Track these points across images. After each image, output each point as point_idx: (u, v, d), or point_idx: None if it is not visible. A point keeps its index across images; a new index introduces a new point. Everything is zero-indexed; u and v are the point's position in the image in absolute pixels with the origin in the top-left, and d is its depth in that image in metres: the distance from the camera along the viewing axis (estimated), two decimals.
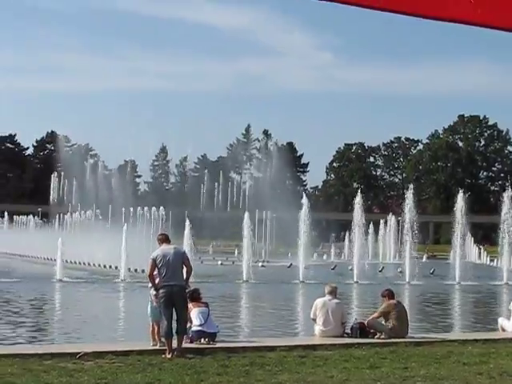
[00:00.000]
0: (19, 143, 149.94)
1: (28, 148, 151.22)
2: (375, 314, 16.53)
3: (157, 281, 13.85)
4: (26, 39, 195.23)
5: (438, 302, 32.40)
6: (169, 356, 13.28)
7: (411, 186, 54.21)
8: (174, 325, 13.77)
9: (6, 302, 26.45)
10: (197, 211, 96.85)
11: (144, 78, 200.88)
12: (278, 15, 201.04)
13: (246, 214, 46.56)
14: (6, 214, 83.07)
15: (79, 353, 12.77)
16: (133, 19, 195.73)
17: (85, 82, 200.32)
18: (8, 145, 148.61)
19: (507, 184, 56.34)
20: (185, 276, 14.06)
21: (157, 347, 13.78)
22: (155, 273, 13.89)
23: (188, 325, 14.55)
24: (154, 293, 13.96)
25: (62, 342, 17.01)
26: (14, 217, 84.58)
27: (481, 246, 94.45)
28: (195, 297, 15.18)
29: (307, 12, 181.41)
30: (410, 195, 52.18)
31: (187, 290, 14.58)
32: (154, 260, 13.86)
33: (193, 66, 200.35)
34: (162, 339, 13.91)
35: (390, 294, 16.71)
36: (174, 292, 13.71)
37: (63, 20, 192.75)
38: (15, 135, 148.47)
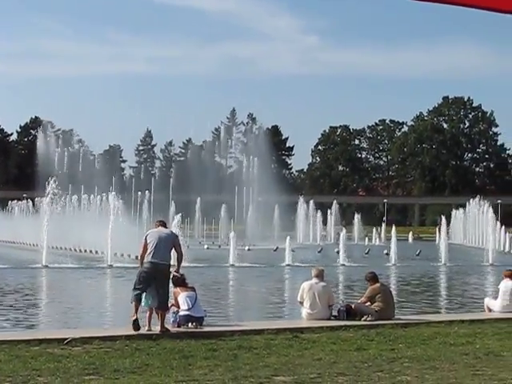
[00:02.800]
0: (3, 129, 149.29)
1: (12, 134, 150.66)
2: (362, 299, 16.60)
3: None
4: (11, 25, 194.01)
5: (424, 284, 32.54)
6: (133, 318, 13.48)
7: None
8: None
9: None
10: (182, 196, 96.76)
11: (129, 62, 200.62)
12: None
13: (235, 199, 46.51)
14: None
15: (66, 338, 12.74)
16: (119, 4, 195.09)
17: (69, 67, 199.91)
18: None
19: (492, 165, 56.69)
20: (176, 261, 14.13)
21: (145, 332, 13.75)
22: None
23: (175, 309, 14.56)
24: None
25: (49, 328, 16.99)
26: None
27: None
28: (181, 282, 15.17)
29: None
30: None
31: (177, 276, 14.63)
32: (146, 238, 13.97)
33: (178, 50, 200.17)
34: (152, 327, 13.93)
35: (373, 278, 16.77)
36: (159, 270, 13.79)
37: (49, 5, 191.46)
38: None
